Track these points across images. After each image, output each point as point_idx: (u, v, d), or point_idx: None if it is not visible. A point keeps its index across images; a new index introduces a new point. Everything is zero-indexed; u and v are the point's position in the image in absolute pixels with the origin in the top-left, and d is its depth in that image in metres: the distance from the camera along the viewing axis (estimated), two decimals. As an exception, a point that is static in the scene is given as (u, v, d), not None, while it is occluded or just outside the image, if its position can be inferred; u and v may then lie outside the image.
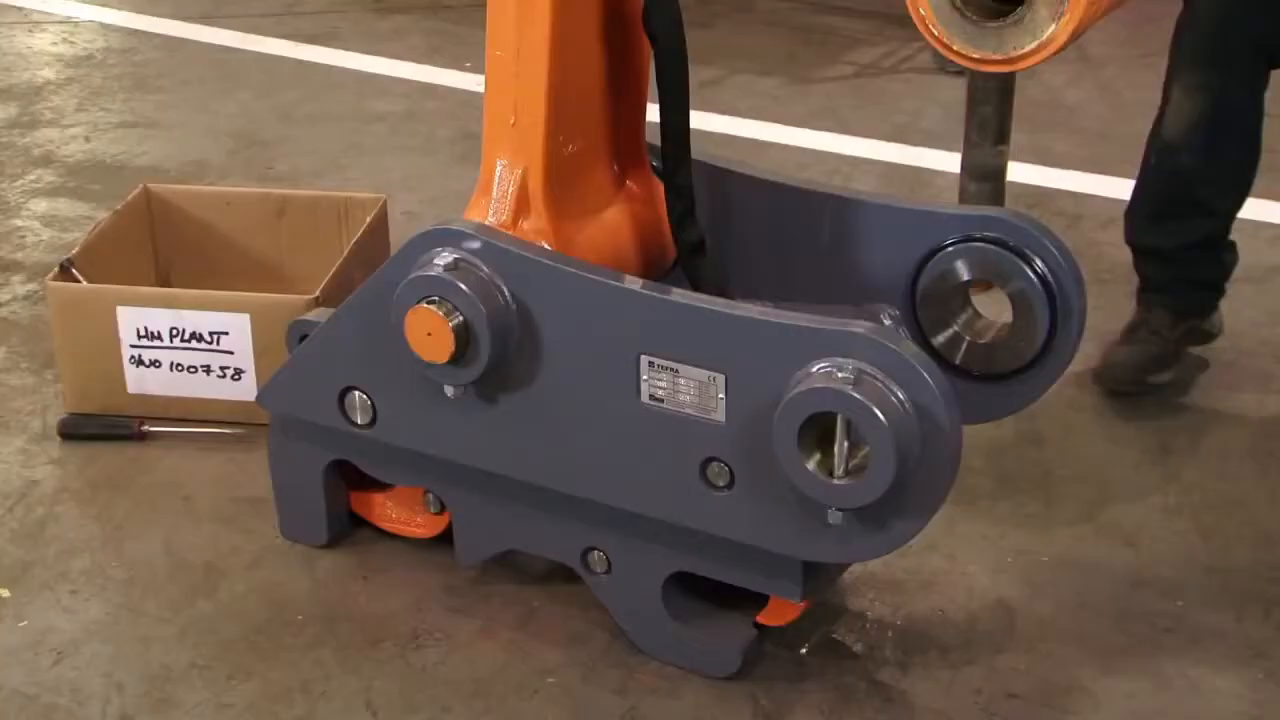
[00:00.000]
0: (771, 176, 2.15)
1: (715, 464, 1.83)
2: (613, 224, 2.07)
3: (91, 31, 4.73)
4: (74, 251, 2.70)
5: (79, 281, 2.64)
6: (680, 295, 1.83)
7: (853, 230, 2.07)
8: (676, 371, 1.80)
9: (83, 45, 4.62)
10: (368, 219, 2.85)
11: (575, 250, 1.97)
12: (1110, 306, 2.84)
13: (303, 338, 2.15)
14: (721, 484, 1.83)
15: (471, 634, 2.12)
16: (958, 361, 2.07)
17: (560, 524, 2.03)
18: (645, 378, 1.82)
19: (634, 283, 1.86)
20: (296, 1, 5.11)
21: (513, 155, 1.94)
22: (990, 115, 3.05)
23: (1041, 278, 1.96)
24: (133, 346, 2.60)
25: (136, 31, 4.74)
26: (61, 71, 4.41)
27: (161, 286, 2.94)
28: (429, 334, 1.87)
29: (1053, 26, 1.36)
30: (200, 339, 2.59)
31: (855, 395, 1.64)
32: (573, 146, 1.98)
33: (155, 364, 2.61)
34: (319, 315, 2.19)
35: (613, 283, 1.83)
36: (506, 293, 1.87)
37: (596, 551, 2.03)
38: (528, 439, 1.94)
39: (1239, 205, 2.71)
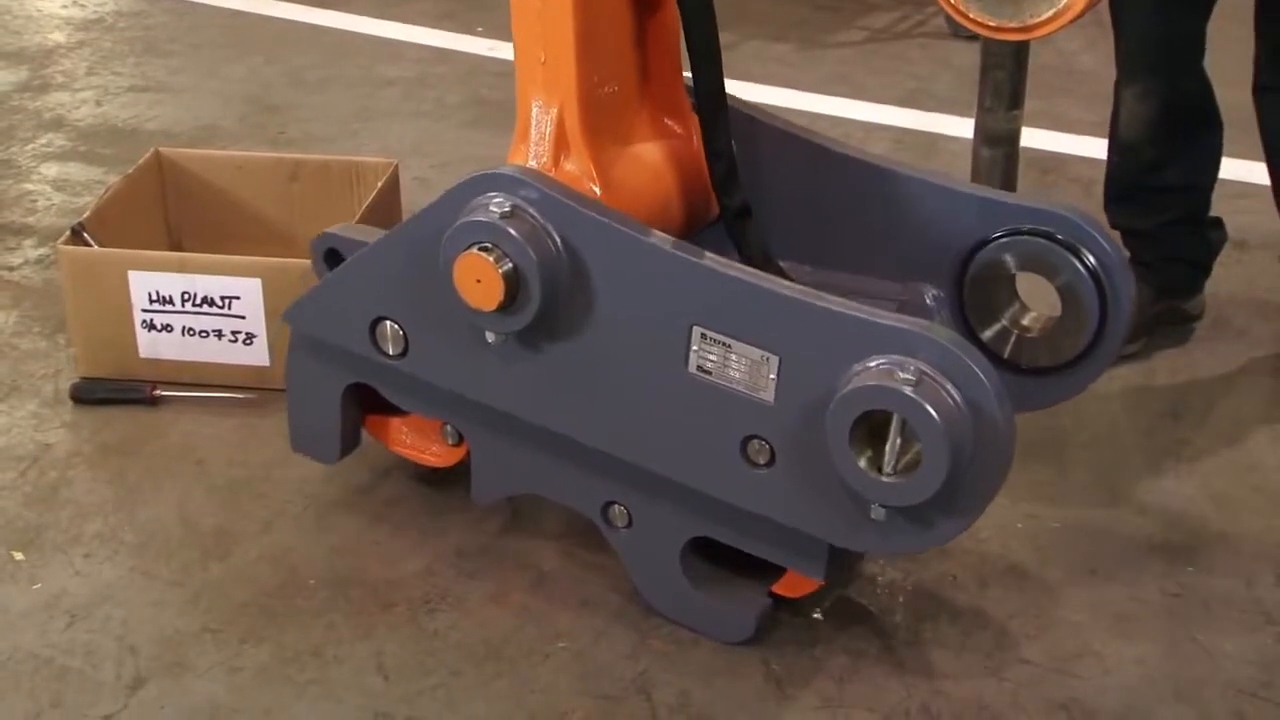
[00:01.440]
0: (823, 141, 2.11)
1: (757, 441, 1.81)
2: (656, 164, 2.03)
3: (102, -6, 4.73)
4: (85, 215, 2.70)
5: (90, 246, 2.65)
6: (742, 272, 1.79)
7: (903, 206, 2.04)
8: (729, 347, 1.78)
9: (93, 8, 4.61)
10: (379, 184, 2.85)
11: (619, 189, 1.93)
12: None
13: (329, 251, 2.12)
14: (761, 461, 1.82)
15: (483, 598, 2.13)
16: (1006, 355, 2.05)
17: (584, 474, 2.01)
18: (696, 348, 1.80)
19: (694, 253, 1.81)
20: (307, -35, 5.09)
21: (546, 95, 1.91)
22: (1004, 80, 3.02)
23: (1092, 272, 1.94)
24: (144, 311, 2.61)
25: (146, -5, 4.74)
26: (72, 35, 4.40)
27: (173, 251, 2.94)
28: (478, 280, 1.83)
29: (1069, -9, 1.35)
30: (212, 303, 2.59)
31: (915, 398, 1.62)
32: (608, 87, 1.96)
33: (167, 328, 2.62)
34: (347, 230, 2.16)
35: (673, 250, 1.80)
36: (559, 244, 1.83)
37: (618, 506, 2.02)
38: (565, 392, 1.91)
39: (1213, 179, 2.72)
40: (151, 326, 2.62)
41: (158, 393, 2.60)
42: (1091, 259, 1.94)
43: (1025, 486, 2.38)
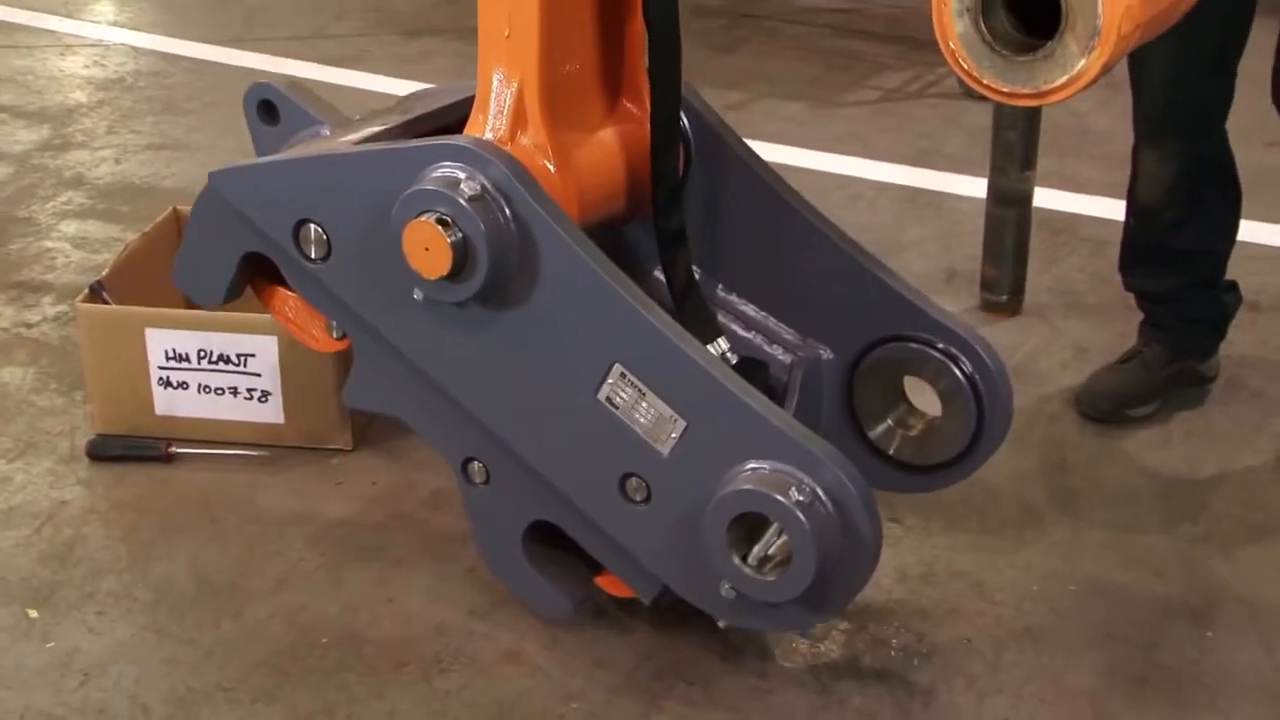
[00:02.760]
0: (775, 184, 2.15)
1: (638, 480, 1.86)
2: (611, 147, 2.04)
3: (122, 54, 4.78)
4: (104, 273, 2.72)
5: (109, 303, 2.66)
6: (678, 336, 1.83)
7: (824, 273, 2.12)
8: (644, 395, 1.82)
9: (114, 68, 4.65)
10: (395, 242, 2.86)
11: (573, 169, 1.95)
12: (1131, 334, 2.83)
13: (263, 103, 2.10)
14: (637, 499, 1.86)
15: (495, 657, 2.12)
16: (891, 453, 2.17)
17: (458, 424, 1.99)
18: (611, 381, 1.84)
19: (642, 300, 1.84)
20: (325, 25, 5.14)
21: (508, 67, 1.91)
22: (1016, 141, 3.05)
23: (969, 379, 2.07)
24: (161, 368, 2.62)
25: (167, 55, 4.78)
26: (93, 94, 4.45)
27: (190, 308, 2.95)
28: (426, 249, 1.83)
29: (1083, 61, 1.36)
30: (228, 361, 2.60)
31: (803, 521, 1.72)
32: (570, 66, 1.97)
33: (183, 385, 2.63)
34: (285, 87, 2.13)
35: (620, 290, 1.83)
36: (513, 230, 1.84)
37: (479, 463, 2.02)
38: (472, 364, 1.92)
39: (1229, 245, 2.72)
40: (168, 384, 2.63)
41: (172, 449, 2.61)
42: (969, 367, 2.06)
43: (1040, 549, 2.37)
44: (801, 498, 1.73)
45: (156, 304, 2.72)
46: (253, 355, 2.59)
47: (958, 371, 2.07)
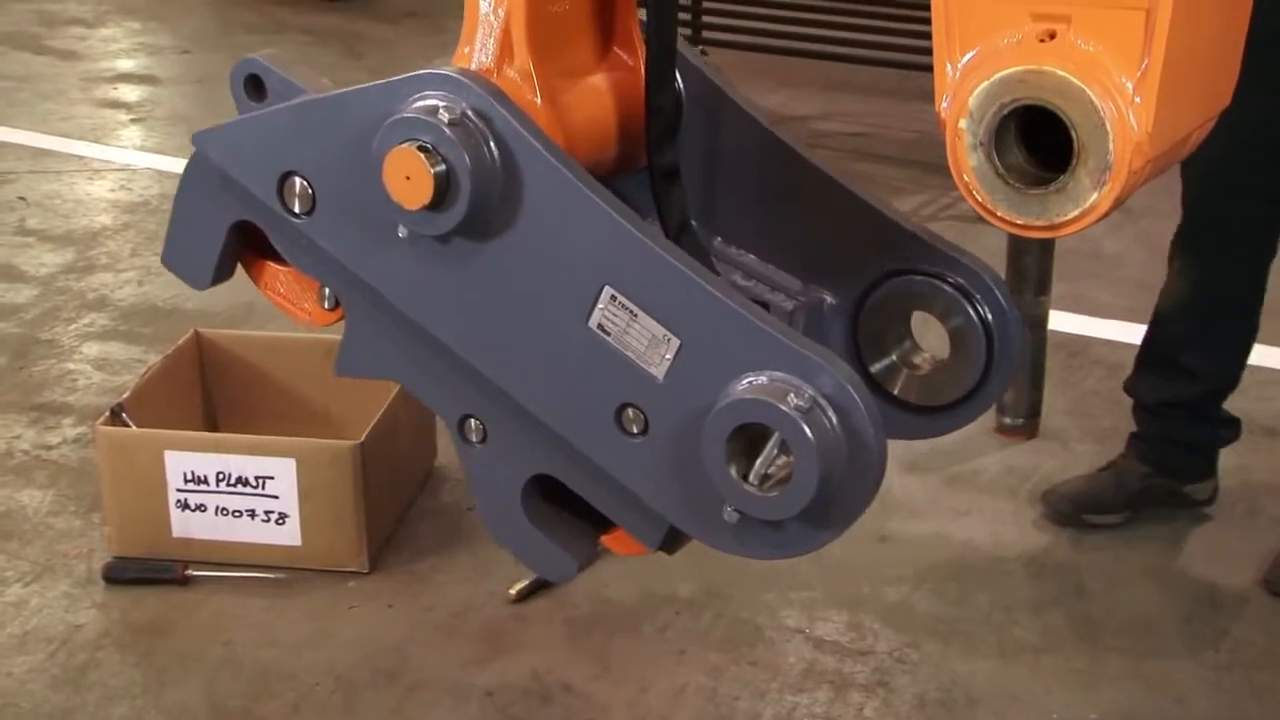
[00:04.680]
0: (773, 127, 2.09)
1: (634, 410, 1.80)
2: (599, 92, 2.01)
3: (148, 178, 4.85)
4: (124, 396, 2.74)
5: (129, 426, 2.68)
6: (668, 250, 1.80)
7: (828, 214, 2.05)
8: (635, 317, 1.78)
9: (139, 192, 4.73)
10: (413, 365, 2.88)
11: (560, 106, 1.92)
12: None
13: (250, 77, 2.10)
14: (633, 430, 1.81)
15: (511, 787, 2.10)
16: (895, 392, 2.05)
17: (452, 381, 1.95)
18: (602, 307, 1.78)
19: (628, 216, 1.80)
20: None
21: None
22: (1031, 265, 3.07)
23: (983, 322, 1.97)
24: (179, 490, 2.63)
25: (191, 178, 4.86)
26: (118, 217, 4.51)
27: (210, 429, 2.97)
28: (407, 177, 1.79)
29: (1095, 195, 1.38)
30: (246, 483, 2.61)
31: (803, 426, 1.64)
32: (558, 5, 1.97)
33: (201, 508, 2.63)
34: (272, 60, 2.14)
35: (606, 208, 1.79)
36: (497, 160, 1.80)
37: (475, 421, 1.96)
38: (461, 304, 1.88)
39: (1230, 379, 2.73)
40: (185, 506, 2.63)
41: (189, 572, 2.61)
42: (986, 310, 1.98)
43: (1058, 675, 2.34)
44: (801, 403, 1.66)
45: (177, 426, 2.74)
46: (271, 477, 2.60)
47: (969, 307, 1.97)
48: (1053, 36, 1.39)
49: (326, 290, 2.10)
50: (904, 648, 2.44)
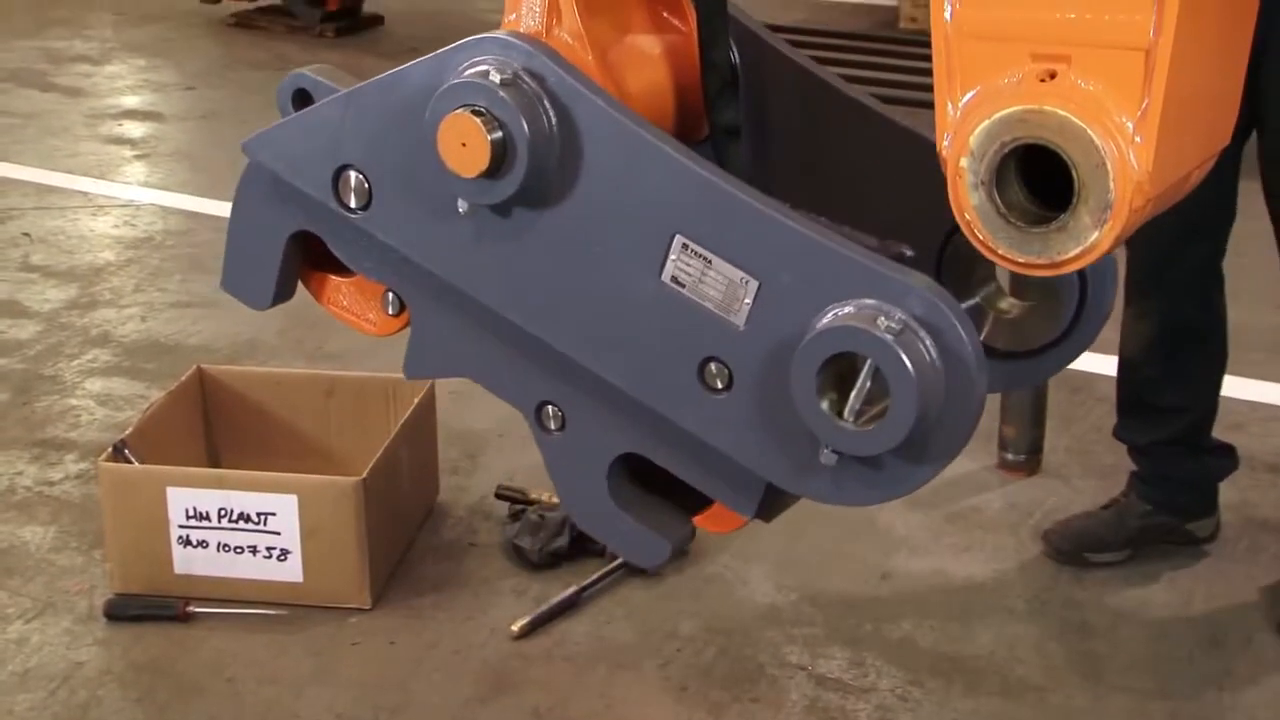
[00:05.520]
0: (833, 80, 2.03)
1: (717, 364, 1.72)
2: (652, 49, 1.96)
3: (152, 214, 4.87)
4: (127, 432, 2.75)
5: (131, 463, 2.68)
6: (739, 188, 1.72)
7: (900, 163, 1.97)
8: (710, 263, 1.70)
9: (143, 227, 4.74)
10: (415, 400, 2.89)
11: (611, 65, 1.87)
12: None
13: (299, 92, 2.07)
14: (718, 386, 1.73)
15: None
16: (982, 338, 1.99)
17: (525, 368, 1.89)
18: (674, 258, 1.71)
19: (693, 158, 1.74)
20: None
21: None
22: (1033, 303, 3.07)
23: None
24: (181, 527, 2.63)
25: (195, 214, 4.88)
26: (121, 253, 4.53)
27: (212, 465, 2.97)
28: (463, 144, 1.75)
29: (1096, 233, 1.38)
30: (248, 519, 2.61)
31: (895, 348, 1.55)
32: None
33: (203, 544, 2.63)
34: (321, 72, 2.11)
35: (672, 152, 1.73)
36: (554, 120, 1.76)
37: (553, 407, 1.90)
38: (528, 278, 1.83)
39: (1210, 407, 2.75)
40: (187, 542, 2.63)
41: (190, 609, 2.60)
42: None
43: (1062, 713, 2.33)
44: (893, 325, 1.56)
45: (179, 462, 2.74)
46: (273, 514, 2.60)
47: None
48: (1053, 76, 1.39)
49: (390, 296, 2.02)
50: (907, 685, 2.44)
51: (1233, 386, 2.79)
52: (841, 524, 2.91)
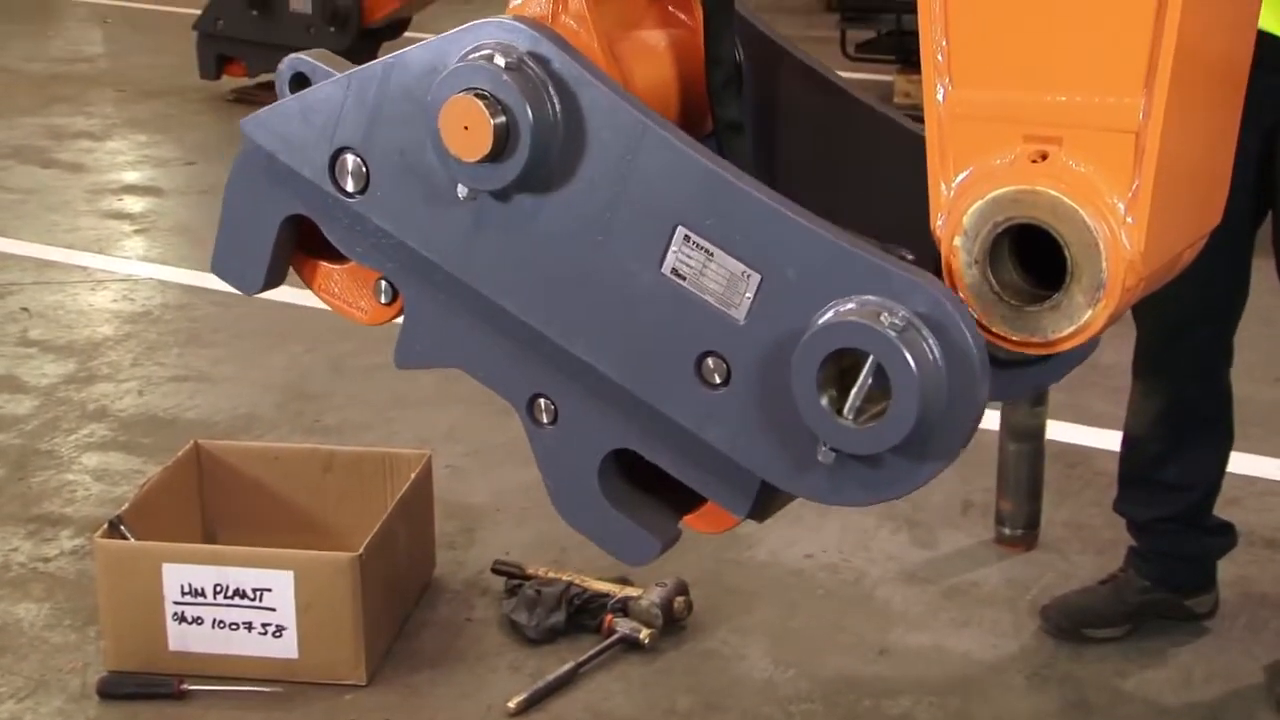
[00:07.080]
0: (837, 80, 2.01)
1: (715, 359, 1.70)
2: (658, 43, 1.95)
3: (150, 289, 4.89)
4: (123, 508, 2.74)
5: (127, 539, 2.67)
6: (743, 180, 1.70)
7: (904, 165, 1.92)
8: (711, 256, 1.68)
9: (141, 302, 4.76)
10: (412, 475, 2.89)
11: (617, 55, 1.86)
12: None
13: (297, 75, 2.05)
14: (715, 381, 1.70)
15: None
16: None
17: (518, 359, 1.86)
18: (675, 249, 1.69)
19: (698, 149, 1.72)
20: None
21: None
22: (1028, 377, 3.08)
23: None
24: (176, 603, 2.61)
25: (193, 288, 4.89)
26: (120, 328, 4.54)
27: (208, 540, 2.96)
28: (465, 127, 1.73)
29: (1089, 312, 1.39)
30: (243, 595, 2.60)
31: (898, 344, 1.52)
32: None
33: (198, 621, 2.62)
34: (320, 57, 2.09)
35: (676, 141, 1.71)
36: (558, 106, 1.73)
37: (546, 400, 1.87)
38: (525, 267, 1.80)
39: (1213, 486, 2.76)
40: (183, 619, 2.62)
41: (185, 687, 2.59)
42: None
43: (1065, 792, 2.32)
44: (896, 322, 1.54)
45: (175, 537, 2.73)
46: (269, 590, 2.59)
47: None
48: (1045, 157, 1.41)
49: (383, 284, 1.98)
50: (906, 763, 2.42)
51: (1230, 461, 2.79)
52: (838, 598, 2.90)
